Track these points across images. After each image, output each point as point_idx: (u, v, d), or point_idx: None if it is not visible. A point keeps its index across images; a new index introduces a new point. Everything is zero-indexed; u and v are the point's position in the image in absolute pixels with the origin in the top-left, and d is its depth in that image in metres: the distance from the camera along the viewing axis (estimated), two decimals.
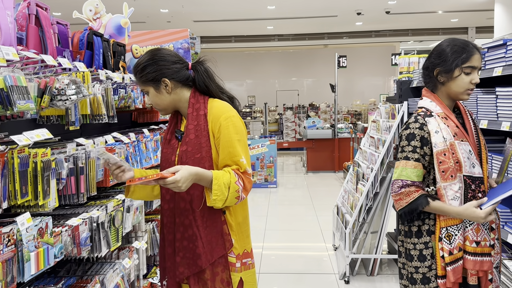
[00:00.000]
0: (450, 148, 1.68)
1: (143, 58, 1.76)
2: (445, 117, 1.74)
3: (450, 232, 1.72)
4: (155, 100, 1.76)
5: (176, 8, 9.42)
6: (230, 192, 1.62)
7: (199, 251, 1.70)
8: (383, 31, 12.71)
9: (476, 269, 1.70)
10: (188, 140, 1.72)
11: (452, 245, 1.71)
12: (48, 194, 1.66)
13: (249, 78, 16.17)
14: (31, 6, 2.21)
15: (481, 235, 1.71)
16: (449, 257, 1.70)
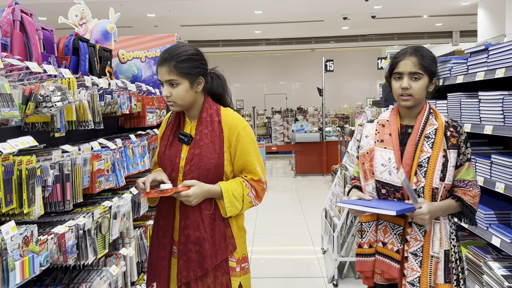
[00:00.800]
0: (369, 152, 1.83)
1: (186, 49, 1.73)
2: (383, 124, 1.85)
3: (363, 227, 1.87)
4: (183, 95, 1.73)
5: (163, 12, 9.40)
6: (244, 204, 1.75)
7: (205, 253, 1.71)
8: (369, 35, 12.84)
9: (381, 269, 1.80)
10: (203, 144, 1.74)
11: (363, 240, 1.86)
12: (33, 202, 1.64)
13: (237, 82, 16.20)
14: (15, 12, 2.20)
15: (388, 238, 1.79)
16: (358, 249, 1.88)
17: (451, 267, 1.74)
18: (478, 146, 2.51)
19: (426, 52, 1.77)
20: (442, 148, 1.72)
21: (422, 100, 1.79)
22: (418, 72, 1.73)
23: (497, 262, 2.11)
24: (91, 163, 2.12)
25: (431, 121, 1.77)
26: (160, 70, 1.72)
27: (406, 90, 1.73)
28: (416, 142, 1.75)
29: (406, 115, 1.83)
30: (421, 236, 1.72)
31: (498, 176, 2.04)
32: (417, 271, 1.73)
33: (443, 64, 2.67)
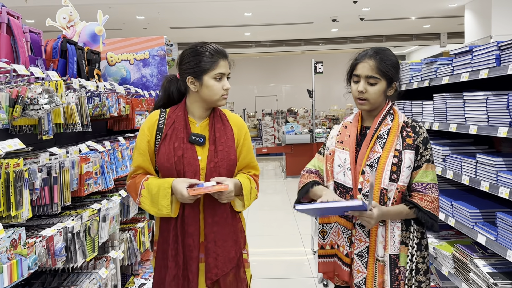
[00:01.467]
0: (331, 153, 1.83)
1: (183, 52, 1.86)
2: (346, 125, 1.86)
3: (325, 228, 1.86)
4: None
5: (152, 15, 9.38)
6: (252, 197, 1.86)
7: (232, 248, 1.80)
8: (358, 37, 12.93)
9: (336, 271, 1.81)
10: (224, 141, 1.80)
11: (325, 241, 1.85)
12: (21, 205, 1.64)
13: None
14: (2, 14, 2.19)
15: (340, 241, 1.78)
16: (320, 250, 1.87)
17: (400, 273, 1.69)
18: (464, 146, 2.55)
19: (387, 55, 1.73)
20: (393, 148, 1.69)
21: (380, 103, 1.76)
22: (375, 77, 1.70)
23: (483, 260, 2.14)
24: (79, 165, 2.12)
25: (386, 122, 1.75)
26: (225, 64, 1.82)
27: (362, 93, 1.72)
28: (369, 142, 1.74)
29: (366, 117, 1.83)
30: (365, 237, 1.70)
31: (483, 175, 2.08)
32: (363, 272, 1.71)
33: (428, 66, 2.70)
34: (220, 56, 1.79)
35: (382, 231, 1.70)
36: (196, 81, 1.78)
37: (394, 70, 1.74)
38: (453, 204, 2.39)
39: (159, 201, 1.73)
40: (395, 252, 1.69)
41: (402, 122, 1.76)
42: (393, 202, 1.69)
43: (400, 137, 1.72)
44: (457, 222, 2.35)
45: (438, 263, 2.57)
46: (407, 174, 1.69)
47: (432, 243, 2.69)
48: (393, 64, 1.74)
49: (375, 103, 1.74)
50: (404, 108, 3.14)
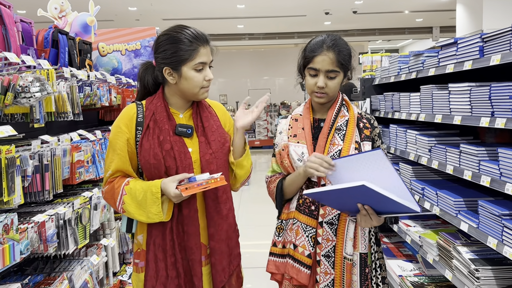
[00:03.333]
0: (284, 149, 1.73)
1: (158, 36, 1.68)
2: (296, 118, 1.77)
3: (282, 225, 1.77)
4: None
5: (144, 6, 9.35)
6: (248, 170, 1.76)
7: (235, 245, 1.72)
8: (351, 30, 12.97)
9: (291, 274, 1.66)
10: (215, 129, 1.66)
11: (279, 238, 1.76)
12: (13, 191, 1.67)
13: (221, 77, 16.19)
14: None
15: (300, 240, 1.66)
16: (272, 247, 1.78)
17: (369, 272, 1.65)
18: (449, 137, 2.60)
19: (343, 45, 1.68)
20: (354, 140, 1.65)
21: (336, 96, 1.74)
22: (335, 70, 1.65)
23: (466, 247, 2.20)
24: (70, 154, 2.15)
25: (343, 113, 1.72)
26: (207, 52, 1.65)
27: (322, 88, 1.65)
28: (327, 135, 1.68)
29: (318, 109, 1.78)
30: (332, 235, 1.62)
31: (466, 165, 2.13)
32: (331, 273, 1.62)
33: (416, 58, 2.75)
34: (201, 42, 1.58)
35: (353, 227, 1.63)
36: (174, 73, 1.58)
37: (350, 60, 1.70)
38: (438, 193, 2.44)
39: (148, 207, 1.53)
40: (365, 251, 1.65)
41: (357, 113, 1.73)
42: None
43: (357, 129, 1.69)
44: (441, 210, 2.41)
45: (424, 251, 2.63)
46: None
47: (417, 232, 2.75)
48: (349, 54, 1.69)
49: (333, 96, 1.72)
50: (393, 100, 3.19)
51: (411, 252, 3.31)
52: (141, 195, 1.53)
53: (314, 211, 1.66)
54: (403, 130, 2.98)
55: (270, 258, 1.78)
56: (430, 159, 2.55)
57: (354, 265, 1.63)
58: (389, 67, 3.38)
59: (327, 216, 1.64)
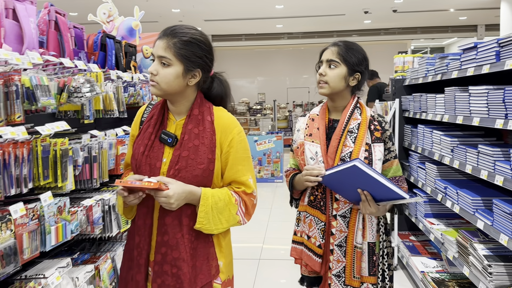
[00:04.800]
0: (299, 146, 1.87)
1: (194, 32, 1.47)
2: (313, 118, 1.89)
3: (300, 216, 1.93)
4: (170, 80, 1.44)
5: (187, 7, 9.69)
6: (227, 223, 1.48)
7: (184, 277, 1.42)
8: (391, 29, 12.82)
9: (306, 261, 1.85)
10: (192, 146, 1.46)
11: (298, 228, 1.92)
12: (66, 178, 1.93)
13: (260, 75, 16.38)
14: (51, 13, 2.48)
15: (312, 232, 1.83)
16: (294, 236, 1.94)
17: (376, 260, 1.77)
18: (472, 138, 2.66)
19: (352, 45, 1.81)
20: (364, 143, 1.75)
21: (340, 90, 1.81)
22: (335, 60, 1.78)
23: (482, 244, 2.28)
24: (115, 147, 2.41)
25: (355, 116, 1.81)
26: (157, 44, 1.45)
27: (322, 76, 1.80)
28: (339, 136, 1.78)
29: (333, 109, 1.88)
30: (345, 227, 1.76)
31: (483, 165, 2.21)
32: (343, 261, 1.76)
33: (441, 60, 2.82)
34: (160, 35, 1.47)
35: (362, 219, 1.76)
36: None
37: (356, 59, 1.79)
38: (458, 192, 2.52)
39: (118, 198, 1.53)
40: (372, 240, 1.77)
41: (369, 116, 1.82)
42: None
43: (369, 131, 1.78)
44: (461, 209, 2.48)
45: (445, 248, 2.71)
46: (379, 167, 1.76)
47: (439, 229, 2.83)
48: (357, 53, 1.80)
49: (335, 88, 1.80)
50: (420, 101, 3.26)
51: (436, 250, 3.38)
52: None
53: (322, 206, 1.81)
54: (429, 131, 3.06)
55: (292, 245, 1.95)
56: (452, 159, 2.63)
57: (363, 253, 1.76)
58: (417, 68, 3.45)
59: (340, 210, 1.78)
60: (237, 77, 16.08)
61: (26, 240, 1.69)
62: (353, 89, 1.86)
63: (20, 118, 1.63)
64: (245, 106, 14.07)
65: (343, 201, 1.78)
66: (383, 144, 1.79)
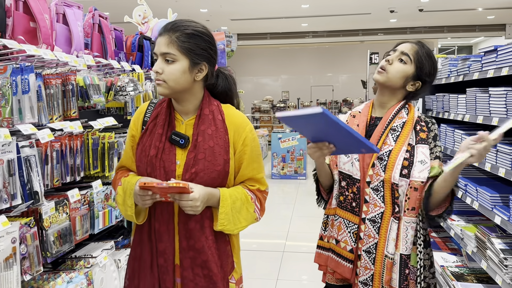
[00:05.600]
0: None
1: (196, 25, 1.42)
2: (354, 115, 1.79)
3: (327, 220, 1.80)
4: (177, 76, 1.38)
5: (214, 7, 9.91)
6: (246, 222, 1.48)
7: (216, 277, 1.42)
8: (418, 27, 12.73)
9: (333, 268, 1.72)
10: (208, 147, 1.42)
11: (325, 232, 1.80)
12: (112, 168, 2.13)
13: (283, 73, 16.49)
14: (95, 16, 2.69)
15: (342, 235, 1.70)
16: (319, 241, 1.82)
17: (409, 273, 1.62)
18: None
19: (430, 52, 1.70)
20: (407, 143, 1.63)
21: (394, 85, 1.67)
22: (408, 55, 1.66)
23: (499, 239, 2.38)
24: None
25: (402, 115, 1.68)
26: (158, 41, 1.39)
27: (388, 64, 1.67)
28: (380, 134, 1.66)
29: (379, 106, 1.76)
30: (374, 233, 1.62)
31: (501, 163, 2.31)
32: (371, 269, 1.63)
33: (463, 62, 2.91)
34: (159, 33, 1.42)
35: (396, 227, 1.61)
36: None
37: (430, 68, 1.67)
38: (477, 189, 2.62)
39: (126, 199, 1.44)
40: (406, 252, 1.62)
41: (416, 116, 1.69)
42: (406, 200, 1.61)
43: (414, 132, 1.66)
44: (480, 205, 2.58)
45: (464, 243, 2.81)
46: (419, 169, 1.60)
47: (459, 225, 2.93)
48: (431, 61, 1.68)
49: (391, 81, 1.66)
50: (443, 101, 3.35)
51: (456, 247, 3.46)
52: (128, 186, 1.44)
53: (355, 207, 1.67)
54: (451, 130, 3.15)
55: (317, 251, 1.82)
56: None
57: (395, 264, 1.62)
58: (441, 69, 3.53)
59: (370, 213, 1.64)
60: (261, 75, 16.24)
61: (78, 223, 1.90)
62: (407, 95, 1.72)
63: (75, 113, 1.84)
64: (269, 104, 14.25)
65: (373, 204, 1.63)
66: (427, 146, 1.64)
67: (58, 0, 2.29)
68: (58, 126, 1.66)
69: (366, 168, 1.65)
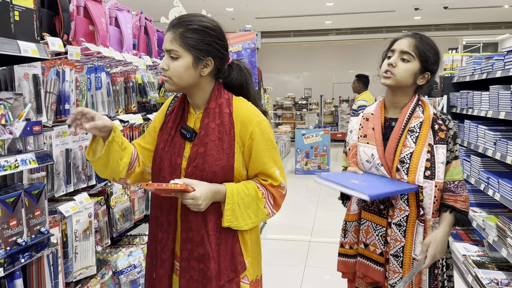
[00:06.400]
0: (351, 148, 1.75)
1: (202, 19, 1.40)
2: (367, 117, 1.74)
3: (346, 226, 1.78)
4: (181, 73, 1.38)
5: (240, 6, 10.13)
6: (256, 218, 1.44)
7: (210, 273, 1.40)
8: (442, 25, 12.67)
9: (364, 272, 1.71)
10: (209, 141, 1.40)
11: (346, 239, 1.77)
12: None
13: (306, 70, 16.59)
14: (141, 19, 2.94)
15: (370, 239, 1.68)
16: (340, 248, 1.79)
17: (438, 273, 1.64)
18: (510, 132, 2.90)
19: (429, 41, 1.66)
20: (427, 143, 1.60)
21: (405, 86, 1.65)
22: (409, 53, 1.61)
23: None
24: None
25: (417, 114, 1.64)
26: (165, 37, 1.40)
27: (392, 67, 1.63)
28: (399, 136, 1.62)
29: (391, 107, 1.71)
30: (401, 237, 1.61)
31: None
32: (399, 272, 1.62)
33: (487, 60, 3.06)
34: (166, 29, 1.43)
35: (422, 230, 1.60)
36: None
37: (433, 57, 1.64)
38: (499, 181, 2.77)
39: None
40: None
41: (432, 114, 1.65)
42: (434, 202, 1.61)
43: (432, 131, 1.62)
44: (501, 196, 2.73)
45: (486, 233, 2.96)
46: (442, 170, 1.60)
47: (481, 216, 3.08)
48: (433, 51, 1.64)
49: (401, 82, 1.63)
50: (467, 97, 3.50)
51: (479, 238, 3.61)
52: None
53: (383, 210, 1.65)
54: (474, 125, 3.30)
55: (339, 259, 1.79)
56: (494, 151, 2.88)
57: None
58: (465, 67, 3.67)
59: (395, 217, 1.62)
60: (284, 72, 16.38)
61: (136, 204, 2.15)
62: (417, 88, 1.70)
63: (134, 107, 2.08)
64: (291, 100, 14.41)
65: (398, 208, 1.62)
66: (446, 146, 1.62)
67: (111, 5, 2.53)
68: (125, 118, 1.91)
69: (391, 172, 1.63)
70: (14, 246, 1.33)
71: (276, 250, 4.30)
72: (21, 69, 1.48)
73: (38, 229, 1.43)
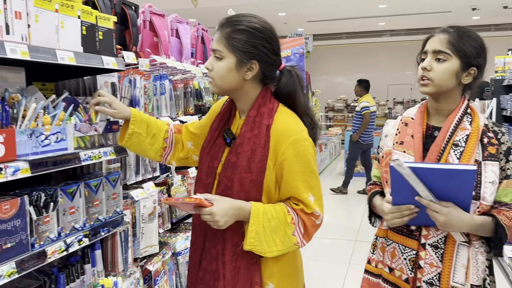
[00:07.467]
0: (384, 155, 1.53)
1: (251, 20, 1.33)
2: (406, 122, 1.52)
3: (376, 242, 1.58)
4: (223, 74, 1.32)
5: (292, 11, 10.35)
6: (283, 245, 1.30)
7: None
8: (503, 24, 12.17)
9: None
10: (242, 151, 1.32)
11: (373, 256, 1.58)
12: None
13: (358, 72, 16.45)
14: (198, 30, 3.25)
15: (396, 262, 1.45)
16: (367, 265, 1.60)
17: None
18: None
19: (466, 31, 1.40)
20: (473, 160, 1.36)
21: (448, 89, 1.40)
22: (444, 51, 1.37)
23: None
24: None
25: (464, 125, 1.40)
26: (214, 37, 1.35)
27: (426, 71, 1.40)
28: (440, 149, 1.39)
29: (434, 113, 1.47)
30: (437, 261, 1.37)
31: None
32: None
33: None
34: (216, 28, 1.36)
35: (466, 253, 1.37)
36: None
37: (473, 49, 1.38)
38: None
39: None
40: (477, 283, 1.36)
41: (482, 125, 1.40)
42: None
43: (480, 145, 1.38)
44: None
45: None
46: (490, 191, 1.35)
47: None
48: (474, 41, 1.39)
49: (441, 86, 1.39)
50: None
51: None
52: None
53: (415, 231, 1.42)
54: None
55: (364, 276, 1.59)
56: None
57: None
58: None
59: (431, 237, 1.39)
60: (336, 74, 16.37)
61: (192, 194, 2.43)
62: (465, 88, 1.44)
63: (192, 110, 2.37)
64: (343, 103, 14.39)
65: (434, 227, 1.38)
66: (497, 163, 1.37)
67: (172, 18, 2.85)
68: (184, 119, 2.20)
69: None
70: (96, 222, 1.64)
71: (321, 248, 4.48)
72: (102, 78, 1.81)
73: (114, 209, 1.75)
